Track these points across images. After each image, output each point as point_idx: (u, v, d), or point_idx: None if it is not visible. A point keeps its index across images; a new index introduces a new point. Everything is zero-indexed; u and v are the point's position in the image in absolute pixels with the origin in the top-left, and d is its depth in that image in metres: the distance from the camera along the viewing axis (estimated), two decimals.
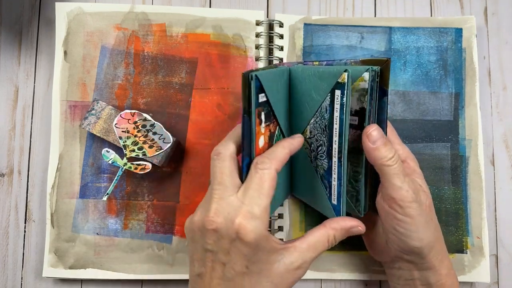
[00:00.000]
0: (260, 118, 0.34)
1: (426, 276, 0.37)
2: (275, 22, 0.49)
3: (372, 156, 0.35)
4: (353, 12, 0.51)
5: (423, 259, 0.36)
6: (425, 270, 0.37)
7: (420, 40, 0.49)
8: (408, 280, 0.39)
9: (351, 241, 0.47)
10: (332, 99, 0.34)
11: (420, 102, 0.48)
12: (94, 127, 0.45)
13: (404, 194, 0.34)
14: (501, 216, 0.48)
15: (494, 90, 0.50)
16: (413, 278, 0.38)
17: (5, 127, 0.49)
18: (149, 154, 0.44)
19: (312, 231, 0.36)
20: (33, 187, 0.48)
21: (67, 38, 0.48)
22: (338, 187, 0.36)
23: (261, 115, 0.34)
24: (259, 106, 0.33)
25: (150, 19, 0.49)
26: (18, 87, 0.50)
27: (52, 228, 0.46)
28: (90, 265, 0.46)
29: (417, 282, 0.38)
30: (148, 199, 0.47)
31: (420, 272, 0.38)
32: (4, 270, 0.47)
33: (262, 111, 0.34)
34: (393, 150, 0.35)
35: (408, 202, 0.35)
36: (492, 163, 0.49)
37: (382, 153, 0.34)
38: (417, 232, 0.35)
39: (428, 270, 0.37)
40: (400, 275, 0.39)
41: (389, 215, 0.36)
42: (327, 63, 0.37)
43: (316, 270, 0.46)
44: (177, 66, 0.48)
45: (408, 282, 0.39)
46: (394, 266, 0.40)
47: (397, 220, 0.35)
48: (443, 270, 0.37)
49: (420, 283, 0.38)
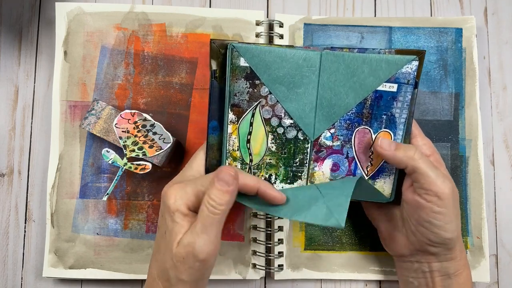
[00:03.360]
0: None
1: (446, 266, 0.38)
2: (275, 22, 0.49)
3: (396, 159, 0.36)
4: (353, 12, 0.51)
5: (450, 250, 0.37)
6: (447, 261, 0.37)
7: (420, 40, 0.49)
8: (425, 273, 0.39)
9: (351, 241, 0.47)
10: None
11: (420, 102, 0.48)
12: (94, 127, 0.45)
13: (441, 186, 0.35)
14: (501, 216, 0.48)
15: (494, 90, 0.50)
16: (432, 270, 0.38)
17: (5, 127, 0.49)
18: (149, 154, 0.44)
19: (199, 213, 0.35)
20: (33, 187, 0.48)
21: (67, 38, 0.48)
22: None
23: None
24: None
25: (150, 19, 0.49)
26: (18, 87, 0.50)
27: (52, 228, 0.46)
28: (90, 265, 0.46)
29: (435, 274, 0.38)
30: (148, 199, 0.47)
31: (441, 264, 0.38)
32: (4, 270, 0.47)
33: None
34: (411, 147, 0.37)
35: (446, 194, 0.35)
36: (492, 163, 0.49)
37: (403, 152, 0.36)
38: (451, 223, 0.36)
39: (449, 261, 0.37)
40: (416, 268, 0.39)
41: (425, 209, 0.36)
42: (359, 51, 0.37)
43: (316, 270, 0.46)
44: (177, 66, 0.48)
45: (425, 274, 0.39)
46: (410, 259, 0.40)
47: (433, 213, 0.36)
48: (462, 261, 0.38)
49: (438, 274, 0.38)
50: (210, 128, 0.38)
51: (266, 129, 0.39)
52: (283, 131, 0.39)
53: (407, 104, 0.38)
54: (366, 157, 0.40)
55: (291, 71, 0.37)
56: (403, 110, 0.38)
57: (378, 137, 0.39)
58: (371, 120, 0.39)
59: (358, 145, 0.40)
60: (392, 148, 0.37)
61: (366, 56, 0.37)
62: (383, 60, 0.37)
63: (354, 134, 0.39)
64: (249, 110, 0.38)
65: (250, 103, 0.38)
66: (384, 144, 0.37)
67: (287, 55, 0.37)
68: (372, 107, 0.38)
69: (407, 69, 0.37)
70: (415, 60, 0.37)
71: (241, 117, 0.38)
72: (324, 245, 0.47)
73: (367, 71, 0.37)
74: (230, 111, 0.38)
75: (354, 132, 0.39)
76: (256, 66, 0.36)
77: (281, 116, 0.38)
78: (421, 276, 0.39)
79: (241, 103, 0.38)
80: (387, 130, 0.39)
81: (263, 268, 0.46)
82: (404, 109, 0.38)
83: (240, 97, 0.37)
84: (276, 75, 0.37)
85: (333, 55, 0.37)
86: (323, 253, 0.47)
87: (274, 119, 0.38)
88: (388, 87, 0.38)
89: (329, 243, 0.47)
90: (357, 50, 0.37)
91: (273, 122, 0.39)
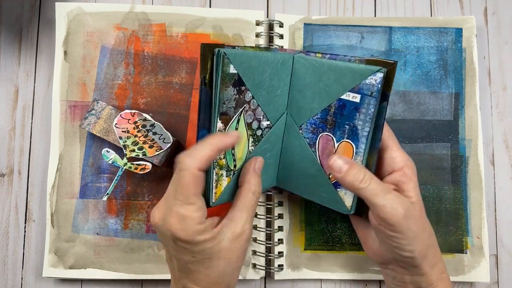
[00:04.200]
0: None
1: (417, 280, 0.37)
2: (275, 22, 0.49)
3: (345, 184, 0.35)
4: (353, 12, 0.51)
5: (416, 267, 0.36)
6: (417, 276, 0.37)
7: (420, 40, 0.49)
8: (400, 282, 0.39)
9: (351, 241, 0.47)
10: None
11: (420, 102, 0.48)
12: (94, 127, 0.45)
13: (390, 212, 0.34)
14: (501, 216, 0.48)
15: (494, 90, 0.50)
16: (405, 281, 0.38)
17: (5, 127, 0.49)
18: (149, 154, 0.44)
19: (236, 197, 0.37)
20: (33, 187, 0.48)
21: (67, 38, 0.48)
22: None
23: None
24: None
25: (150, 19, 0.49)
26: (18, 87, 0.50)
27: (52, 228, 0.46)
28: (90, 265, 0.46)
29: (409, 286, 0.38)
30: (148, 199, 0.47)
31: (412, 277, 0.37)
32: (4, 270, 0.47)
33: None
34: (362, 171, 0.35)
35: (396, 220, 0.34)
36: (492, 163, 0.49)
37: (352, 177, 0.35)
38: (409, 245, 0.35)
39: (419, 275, 0.37)
40: (394, 276, 0.39)
41: (379, 230, 0.36)
42: (330, 57, 0.37)
43: (316, 270, 0.46)
44: (177, 66, 0.48)
45: (400, 283, 0.39)
46: (387, 267, 0.40)
47: (387, 236, 0.35)
48: (434, 276, 0.37)
49: (412, 287, 0.38)
50: (200, 137, 0.35)
51: (248, 133, 0.38)
52: (261, 133, 0.39)
53: (370, 117, 0.36)
54: None
55: (271, 74, 0.37)
56: (365, 123, 0.36)
57: (338, 152, 0.37)
58: (335, 128, 0.38)
59: (322, 151, 0.39)
60: (343, 170, 0.35)
61: (332, 63, 0.36)
62: (348, 69, 0.35)
63: (318, 139, 0.39)
64: (235, 117, 0.36)
65: (236, 109, 0.36)
66: (335, 166, 0.35)
67: (268, 58, 0.36)
68: (336, 115, 0.37)
69: (371, 81, 0.35)
70: (380, 72, 0.34)
71: (228, 124, 0.36)
72: (324, 245, 0.47)
73: (332, 78, 0.36)
74: (218, 120, 0.35)
75: (318, 137, 0.39)
76: (243, 72, 0.35)
77: (260, 119, 0.38)
78: (399, 284, 0.39)
79: (228, 111, 0.35)
80: (349, 141, 0.37)
81: (263, 268, 0.46)
82: (367, 122, 0.36)
83: (228, 105, 0.35)
84: (259, 80, 0.36)
85: (303, 58, 0.37)
86: (323, 253, 0.47)
87: (255, 122, 0.38)
88: (351, 96, 0.36)
89: (329, 243, 0.47)
90: (328, 56, 0.37)
91: (254, 125, 0.38)
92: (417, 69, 0.49)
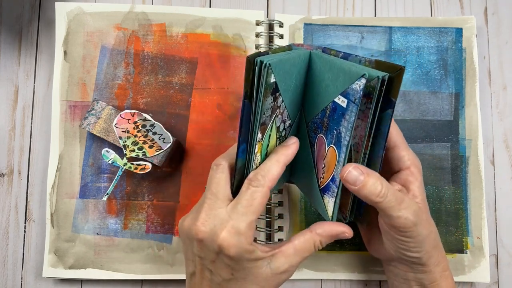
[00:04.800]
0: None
1: (420, 277, 0.38)
2: (275, 22, 0.49)
3: (361, 196, 0.33)
4: (353, 12, 0.51)
5: (422, 265, 0.37)
6: (420, 273, 0.37)
7: (420, 40, 0.49)
8: (403, 279, 0.39)
9: (351, 241, 0.47)
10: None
11: (420, 102, 0.48)
12: (94, 127, 0.45)
13: (404, 222, 0.34)
14: (501, 216, 0.48)
15: (494, 90, 0.50)
16: (408, 278, 0.38)
17: (5, 127, 0.49)
18: (149, 154, 0.44)
19: (299, 236, 0.36)
20: (33, 187, 0.48)
21: (67, 38, 0.48)
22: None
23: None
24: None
25: (150, 19, 0.49)
26: (18, 87, 0.50)
27: (52, 228, 0.46)
28: (90, 265, 0.46)
29: (411, 283, 0.38)
30: (148, 199, 0.47)
31: (415, 274, 0.38)
32: (4, 270, 0.47)
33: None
34: (378, 182, 0.33)
35: (408, 228, 0.34)
36: (492, 163, 0.49)
37: (368, 191, 0.33)
38: (417, 247, 0.35)
39: (423, 273, 0.37)
40: (397, 273, 0.40)
41: (389, 233, 0.36)
42: (343, 56, 0.35)
43: (316, 270, 0.46)
44: (177, 66, 0.48)
45: (403, 280, 0.39)
46: (391, 264, 0.40)
47: (396, 239, 0.35)
48: (437, 273, 0.37)
49: (415, 284, 0.38)
50: (240, 152, 0.33)
51: (276, 136, 0.37)
52: (285, 133, 0.38)
53: (351, 126, 0.31)
54: (321, 167, 0.36)
55: (297, 75, 0.35)
56: (347, 131, 0.32)
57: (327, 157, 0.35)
58: (327, 131, 0.35)
59: (317, 152, 0.37)
60: (358, 184, 0.33)
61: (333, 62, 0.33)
62: (341, 70, 0.32)
63: (316, 139, 0.37)
64: (269, 124, 0.34)
65: (271, 117, 0.34)
66: (350, 178, 0.33)
67: (295, 59, 0.34)
68: (329, 118, 0.34)
69: (356, 86, 0.31)
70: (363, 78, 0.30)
71: (264, 133, 0.34)
72: None
73: (329, 78, 0.34)
74: (258, 131, 0.33)
75: (316, 138, 0.37)
76: (279, 79, 0.32)
77: (285, 120, 0.37)
78: (402, 281, 0.39)
79: (266, 120, 0.33)
80: (334, 148, 0.34)
81: None
82: (348, 131, 0.32)
83: (266, 114, 0.33)
84: (289, 83, 0.34)
85: (316, 55, 0.35)
86: (323, 253, 0.47)
87: (281, 124, 0.36)
88: (341, 100, 0.33)
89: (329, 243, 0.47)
90: (341, 55, 0.35)
91: (281, 128, 0.37)
92: (417, 69, 0.49)
